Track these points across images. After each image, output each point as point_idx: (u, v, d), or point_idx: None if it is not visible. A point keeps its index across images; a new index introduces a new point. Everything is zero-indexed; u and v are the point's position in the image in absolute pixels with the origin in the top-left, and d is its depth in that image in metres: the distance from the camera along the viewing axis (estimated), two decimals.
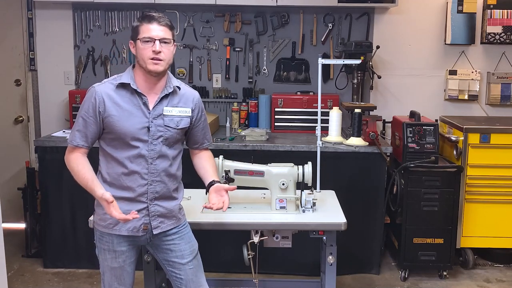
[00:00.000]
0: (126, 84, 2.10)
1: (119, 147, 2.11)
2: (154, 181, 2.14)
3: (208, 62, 4.22)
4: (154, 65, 2.07)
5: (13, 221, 4.02)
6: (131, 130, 2.08)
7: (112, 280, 2.20)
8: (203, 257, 2.38)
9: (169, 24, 2.12)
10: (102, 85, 2.12)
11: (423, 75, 4.24)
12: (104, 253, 2.19)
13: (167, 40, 2.09)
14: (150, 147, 2.11)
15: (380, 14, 4.16)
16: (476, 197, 3.68)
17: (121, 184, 2.12)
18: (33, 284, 3.52)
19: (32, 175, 3.85)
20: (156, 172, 2.14)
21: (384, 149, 3.49)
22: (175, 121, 2.16)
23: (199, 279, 2.30)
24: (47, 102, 4.30)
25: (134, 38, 2.12)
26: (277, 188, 2.57)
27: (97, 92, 2.09)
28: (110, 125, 2.08)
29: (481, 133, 3.62)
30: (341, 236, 2.58)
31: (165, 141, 2.14)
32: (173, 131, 2.16)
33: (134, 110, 2.09)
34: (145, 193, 2.14)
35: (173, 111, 2.15)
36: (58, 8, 4.18)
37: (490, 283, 3.60)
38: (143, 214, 2.14)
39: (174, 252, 2.24)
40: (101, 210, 2.14)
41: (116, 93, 2.10)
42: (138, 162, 2.11)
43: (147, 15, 2.09)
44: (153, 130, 2.11)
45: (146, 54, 2.07)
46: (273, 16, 4.16)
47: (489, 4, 4.05)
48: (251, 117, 4.13)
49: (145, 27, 2.07)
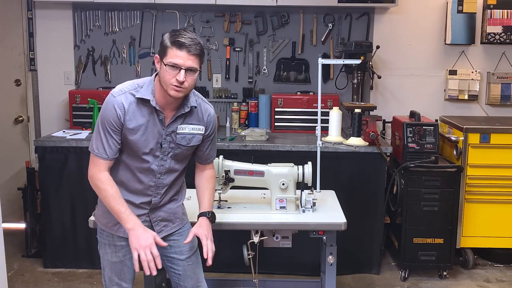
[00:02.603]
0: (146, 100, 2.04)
1: (130, 155, 2.10)
2: (158, 193, 2.15)
3: (208, 62, 4.22)
4: (175, 92, 1.99)
5: (13, 221, 4.02)
6: (144, 145, 2.06)
7: (113, 275, 2.20)
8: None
9: (199, 53, 2.00)
10: (123, 95, 2.04)
11: (423, 75, 4.24)
12: (105, 247, 2.19)
13: (193, 69, 1.99)
14: (160, 163, 2.11)
15: (380, 14, 4.16)
16: (476, 197, 3.68)
17: (127, 188, 2.12)
18: (33, 284, 3.52)
19: (32, 175, 3.85)
20: (161, 185, 2.15)
21: (384, 149, 3.49)
22: (187, 138, 2.13)
23: (197, 275, 2.30)
24: (47, 102, 4.30)
25: (160, 56, 2.00)
26: (277, 188, 2.57)
27: (118, 103, 2.01)
28: (124, 137, 2.05)
29: (481, 133, 3.62)
30: (341, 236, 2.58)
31: (174, 156, 2.13)
32: (184, 148, 2.14)
33: (150, 125, 2.06)
34: (148, 202, 2.15)
35: (186, 128, 2.12)
36: (58, 8, 4.18)
37: (490, 283, 3.60)
38: (142, 220, 2.14)
39: (173, 248, 2.24)
40: (103, 208, 2.15)
41: (135, 105, 2.03)
42: (146, 175, 2.11)
43: (178, 40, 1.95)
44: (165, 146, 2.09)
45: (169, 80, 1.97)
46: (273, 16, 4.16)
47: (489, 4, 4.05)
48: (251, 117, 4.13)
49: (174, 53, 1.95)
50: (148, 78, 2.11)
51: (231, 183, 2.57)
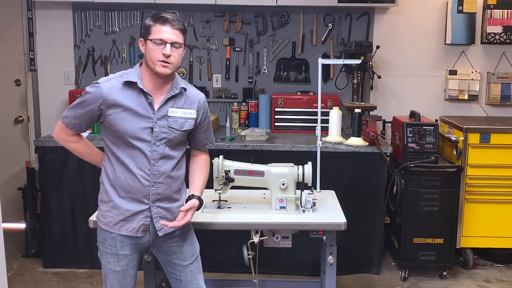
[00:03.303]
0: (133, 82, 2.08)
1: (120, 145, 2.09)
2: (156, 183, 2.13)
3: (208, 62, 4.22)
4: (162, 67, 2.05)
5: (13, 221, 4.01)
6: (133, 129, 2.07)
7: (115, 283, 2.20)
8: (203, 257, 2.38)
9: (182, 28, 2.08)
10: (108, 82, 2.09)
11: (423, 75, 4.24)
12: (107, 256, 2.18)
13: (178, 44, 2.06)
14: (152, 148, 2.10)
15: (380, 14, 4.16)
16: (476, 197, 3.68)
17: (123, 184, 2.11)
18: (33, 284, 3.52)
19: (32, 175, 3.85)
20: (158, 173, 2.12)
21: (384, 149, 3.49)
22: (179, 122, 2.14)
23: (198, 281, 2.30)
24: (47, 102, 4.30)
25: (145, 37, 2.08)
26: (277, 188, 2.57)
27: (102, 90, 2.06)
28: (113, 123, 2.06)
29: (481, 133, 3.62)
30: (341, 236, 2.58)
31: (168, 142, 2.13)
32: (177, 133, 2.14)
33: (139, 109, 2.07)
34: (147, 194, 2.13)
35: (178, 112, 2.14)
36: (58, 8, 4.18)
37: (490, 283, 3.60)
38: (143, 215, 2.14)
39: (176, 254, 2.25)
40: (104, 207, 2.15)
41: (122, 91, 2.07)
42: (140, 162, 2.10)
43: (161, 16, 2.05)
44: (156, 131, 2.10)
45: (155, 56, 2.03)
46: (273, 16, 4.16)
47: (489, 4, 4.05)
48: (251, 117, 4.13)
49: (158, 29, 2.03)
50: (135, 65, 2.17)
51: (231, 183, 2.57)
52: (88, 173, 3.44)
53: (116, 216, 2.12)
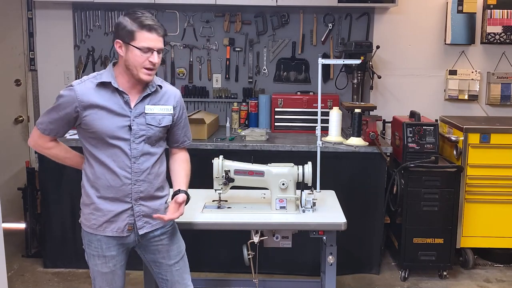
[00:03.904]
0: (107, 82, 2.07)
1: (99, 146, 2.09)
2: (138, 181, 2.12)
3: (208, 62, 4.22)
4: (147, 75, 2.05)
5: (13, 221, 4.01)
6: (110, 128, 2.06)
7: (104, 285, 2.19)
8: (203, 257, 2.38)
9: (165, 34, 2.09)
10: (82, 84, 2.07)
11: (423, 75, 4.24)
12: (94, 258, 2.17)
13: (162, 49, 2.07)
14: (132, 146, 2.09)
15: (380, 14, 4.16)
16: (476, 197, 3.68)
17: (104, 184, 2.10)
18: (33, 284, 3.52)
19: (32, 175, 3.85)
20: (139, 171, 2.12)
21: (384, 149, 3.49)
22: (157, 119, 2.14)
23: (184, 280, 2.30)
24: (47, 102, 4.29)
25: (126, 40, 2.02)
26: (277, 188, 2.57)
27: (77, 92, 2.04)
28: (90, 124, 2.05)
29: (481, 133, 3.62)
30: (341, 236, 2.58)
31: (147, 139, 2.13)
32: (156, 129, 2.14)
33: (115, 108, 2.07)
34: (129, 193, 2.12)
35: (155, 109, 2.13)
36: (58, 8, 4.18)
37: (490, 283, 3.60)
38: (127, 214, 2.13)
39: (162, 253, 2.24)
40: (86, 210, 2.14)
41: (96, 91, 2.06)
42: (120, 161, 2.09)
43: (147, 24, 2.00)
44: (135, 128, 2.09)
45: (141, 63, 2.02)
46: (273, 16, 4.16)
47: (489, 4, 4.05)
48: (251, 117, 4.13)
49: (144, 36, 2.00)
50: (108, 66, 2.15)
51: (231, 183, 2.57)
52: None
53: (100, 218, 2.12)
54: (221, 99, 4.23)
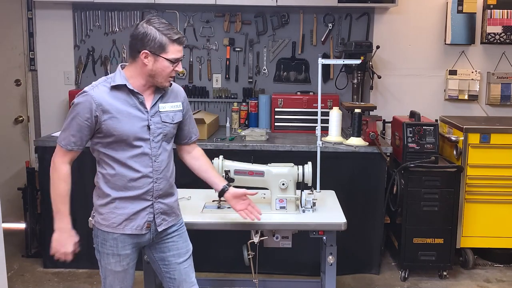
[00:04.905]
0: (121, 85, 2.07)
1: (119, 149, 2.09)
2: (158, 179, 2.15)
3: (208, 62, 4.23)
4: (169, 82, 2.13)
5: (13, 221, 4.02)
6: (132, 130, 2.07)
7: (115, 284, 2.20)
8: (203, 257, 2.38)
9: None
10: (96, 88, 2.06)
11: (423, 75, 4.24)
12: (108, 257, 2.18)
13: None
14: (152, 145, 2.12)
15: (380, 14, 4.16)
16: (476, 197, 3.68)
17: (126, 185, 2.11)
18: (33, 284, 3.52)
19: (32, 175, 3.85)
20: (160, 169, 2.15)
21: (384, 149, 3.49)
22: (170, 116, 2.18)
23: (191, 279, 2.31)
24: (47, 102, 4.30)
25: (156, 52, 2.04)
26: (277, 188, 2.57)
27: (93, 97, 2.03)
28: (110, 128, 2.05)
29: (481, 133, 3.62)
30: (341, 236, 2.58)
31: (164, 137, 2.17)
32: (170, 126, 2.19)
33: (132, 110, 2.08)
34: (151, 190, 2.14)
35: (167, 106, 2.18)
36: (58, 8, 4.18)
37: (490, 283, 3.60)
38: (147, 212, 2.15)
39: (172, 251, 2.25)
40: (104, 209, 2.14)
41: (111, 95, 2.06)
42: (142, 161, 2.11)
43: (178, 38, 2.06)
44: (153, 128, 2.12)
45: (168, 73, 2.08)
46: (273, 16, 4.16)
47: (489, 4, 4.05)
48: (251, 117, 4.13)
49: (176, 49, 2.06)
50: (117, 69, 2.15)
51: (231, 183, 2.57)
52: (88, 173, 3.43)
53: (120, 216, 2.13)
54: (221, 99, 4.24)
